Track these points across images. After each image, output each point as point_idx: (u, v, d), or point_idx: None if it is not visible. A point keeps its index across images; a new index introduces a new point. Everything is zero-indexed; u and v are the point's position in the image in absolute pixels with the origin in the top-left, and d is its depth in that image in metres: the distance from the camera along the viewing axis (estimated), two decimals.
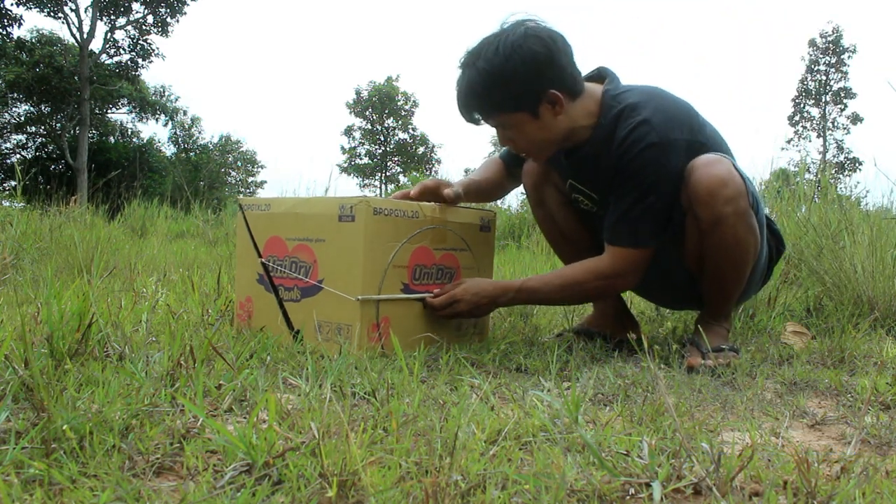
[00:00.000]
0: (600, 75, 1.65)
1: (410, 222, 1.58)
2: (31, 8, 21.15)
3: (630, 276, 1.60)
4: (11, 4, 20.68)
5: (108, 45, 22.78)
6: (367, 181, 38.06)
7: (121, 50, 23.05)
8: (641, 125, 1.50)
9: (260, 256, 1.68)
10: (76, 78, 22.35)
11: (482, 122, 1.60)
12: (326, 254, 1.55)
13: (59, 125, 24.76)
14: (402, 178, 36.24)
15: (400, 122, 37.14)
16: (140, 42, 22.96)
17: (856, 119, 34.57)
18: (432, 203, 1.66)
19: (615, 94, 1.57)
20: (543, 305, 1.66)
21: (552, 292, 1.63)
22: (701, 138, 1.54)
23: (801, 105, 35.58)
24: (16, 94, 23.59)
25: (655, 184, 1.51)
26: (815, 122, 35.36)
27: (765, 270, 1.74)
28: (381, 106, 36.74)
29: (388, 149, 37.36)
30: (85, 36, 21.94)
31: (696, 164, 1.49)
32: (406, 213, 1.58)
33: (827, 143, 34.87)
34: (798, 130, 35.58)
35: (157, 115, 26.83)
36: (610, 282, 1.60)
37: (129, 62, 23.15)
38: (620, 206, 1.54)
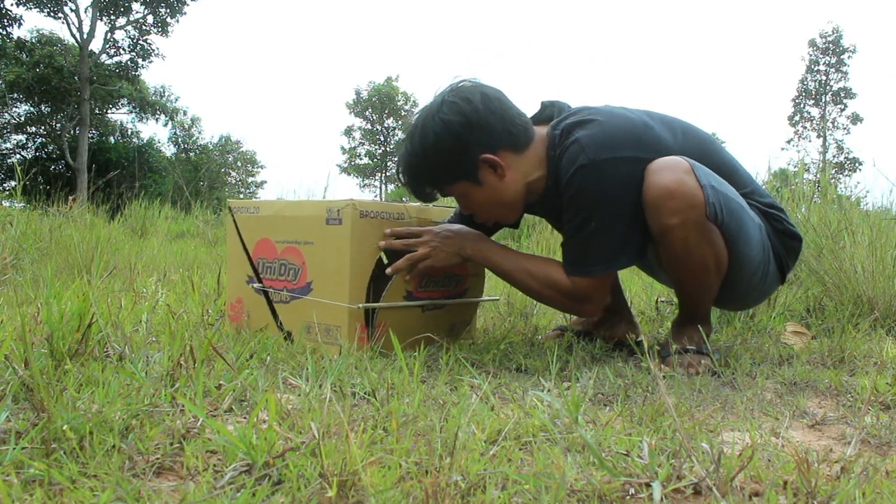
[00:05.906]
0: (552, 108, 1.57)
1: (397, 224, 1.58)
2: (31, 8, 21.16)
3: (586, 303, 1.51)
4: (11, 4, 20.70)
5: (108, 46, 22.79)
6: (367, 181, 38.12)
7: (121, 50, 23.07)
8: (572, 145, 1.42)
9: (249, 259, 1.68)
10: (76, 78, 22.36)
11: (436, 194, 1.56)
12: (314, 256, 1.55)
13: (59, 125, 24.76)
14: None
15: (400, 123, 37.14)
16: (140, 42, 22.99)
17: (856, 119, 34.60)
18: (418, 204, 1.65)
19: (557, 124, 1.49)
20: (504, 280, 1.59)
21: (511, 269, 1.54)
22: (655, 155, 1.42)
23: (801, 105, 35.60)
24: (16, 95, 23.59)
25: (596, 208, 1.41)
26: (815, 122, 35.38)
27: (774, 274, 1.61)
28: (381, 106, 36.76)
29: (388, 149, 37.38)
30: (85, 36, 21.96)
31: (648, 170, 1.41)
32: (392, 215, 1.58)
33: (827, 143, 34.89)
34: (798, 130, 35.62)
35: (157, 116, 26.81)
36: (563, 299, 1.52)
37: (129, 62, 23.18)
38: (567, 234, 1.48)
